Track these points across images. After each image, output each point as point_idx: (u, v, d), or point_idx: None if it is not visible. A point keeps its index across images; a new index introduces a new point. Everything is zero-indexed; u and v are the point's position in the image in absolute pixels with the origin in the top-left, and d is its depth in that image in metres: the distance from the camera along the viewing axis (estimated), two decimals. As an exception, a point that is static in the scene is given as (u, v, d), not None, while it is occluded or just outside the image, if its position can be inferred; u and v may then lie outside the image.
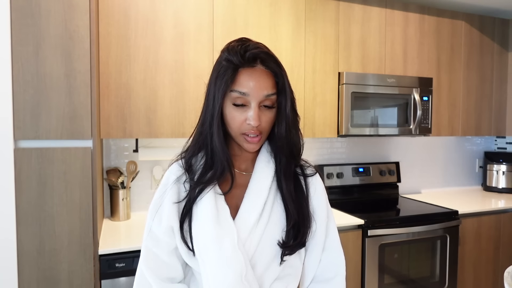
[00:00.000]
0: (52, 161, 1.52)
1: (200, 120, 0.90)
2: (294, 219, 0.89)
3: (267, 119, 0.86)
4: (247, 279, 0.83)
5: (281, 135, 0.90)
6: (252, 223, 0.87)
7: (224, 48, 0.88)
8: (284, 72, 0.88)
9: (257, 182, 0.91)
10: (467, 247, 2.45)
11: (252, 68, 0.84)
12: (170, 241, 0.89)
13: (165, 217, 0.89)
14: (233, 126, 0.86)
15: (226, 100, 0.85)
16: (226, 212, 0.87)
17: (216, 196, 0.88)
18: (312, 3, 2.27)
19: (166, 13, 1.94)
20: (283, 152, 0.91)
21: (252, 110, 0.83)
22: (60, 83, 1.52)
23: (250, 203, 0.89)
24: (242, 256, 0.84)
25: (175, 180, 0.90)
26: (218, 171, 0.87)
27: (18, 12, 1.47)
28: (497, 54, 2.86)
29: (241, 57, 0.83)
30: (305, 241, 0.91)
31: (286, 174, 0.92)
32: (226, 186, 0.90)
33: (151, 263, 0.90)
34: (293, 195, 0.91)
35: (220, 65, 0.85)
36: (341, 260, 0.99)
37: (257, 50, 0.84)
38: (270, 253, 0.88)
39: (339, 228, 2.06)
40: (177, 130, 1.98)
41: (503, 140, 3.30)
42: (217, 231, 0.85)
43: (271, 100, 0.86)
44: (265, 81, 0.84)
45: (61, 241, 1.54)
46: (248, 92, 0.83)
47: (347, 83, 2.31)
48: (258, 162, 0.94)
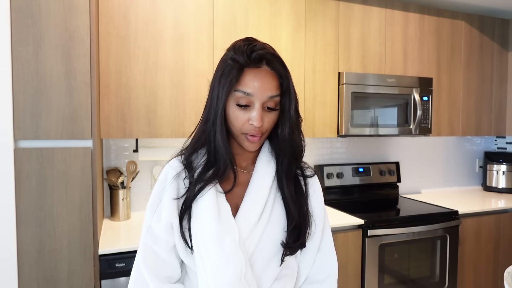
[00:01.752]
0: (52, 161, 1.52)
1: (203, 118, 0.90)
2: (295, 220, 0.89)
3: (269, 120, 0.87)
4: (246, 278, 0.83)
5: (284, 137, 0.89)
6: (253, 222, 0.87)
7: (230, 47, 0.87)
8: (289, 74, 0.88)
9: (258, 181, 0.91)
10: (467, 247, 2.45)
11: (258, 69, 0.84)
12: (169, 238, 0.89)
13: (164, 214, 0.88)
14: (235, 125, 0.86)
15: (230, 99, 0.84)
16: (227, 210, 0.87)
17: (217, 194, 0.87)
18: (312, 3, 2.27)
19: (166, 14, 1.95)
20: (285, 154, 0.91)
21: (255, 110, 0.83)
22: (60, 83, 1.52)
23: (251, 201, 0.89)
24: (243, 255, 0.84)
25: (175, 176, 0.90)
26: (221, 169, 0.87)
27: (18, 12, 1.47)
28: (497, 54, 2.86)
29: (247, 57, 0.83)
30: (305, 242, 0.91)
31: (287, 175, 0.91)
32: (227, 185, 0.90)
33: (150, 260, 0.89)
34: (293, 196, 0.91)
35: (226, 63, 0.85)
36: (334, 262, 0.99)
37: (264, 51, 0.84)
38: (269, 252, 0.88)
39: (340, 228, 2.08)
40: (177, 130, 1.98)
41: (503, 140, 3.30)
42: (218, 229, 0.84)
43: (274, 102, 0.86)
44: (269, 82, 0.84)
45: (61, 241, 1.54)
46: (252, 92, 0.82)
47: (347, 83, 2.31)
48: (259, 161, 0.94)
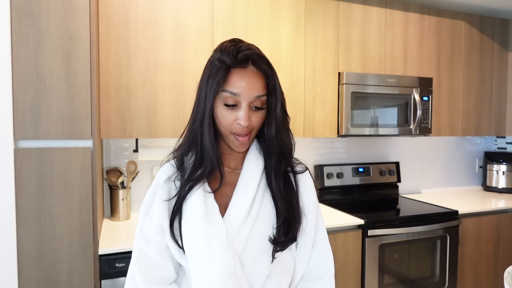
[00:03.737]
0: (52, 161, 1.52)
1: (191, 119, 0.91)
2: (284, 215, 0.90)
3: (257, 119, 0.88)
4: (235, 275, 0.83)
5: (271, 135, 0.91)
6: (240, 220, 0.87)
7: (217, 48, 0.89)
8: (275, 73, 0.89)
9: (245, 180, 0.92)
10: (467, 247, 2.44)
11: (244, 69, 0.85)
12: (161, 239, 0.90)
13: (155, 216, 0.90)
14: (224, 125, 0.87)
15: (218, 99, 0.86)
16: (215, 209, 0.88)
17: (205, 194, 0.89)
18: (312, 3, 2.27)
19: (166, 14, 1.94)
20: (273, 152, 0.92)
21: (242, 110, 0.85)
22: (60, 83, 1.52)
23: (238, 200, 0.90)
24: (231, 253, 0.84)
25: (166, 180, 0.92)
26: (207, 169, 0.88)
27: (18, 12, 1.47)
28: (497, 54, 2.86)
29: (233, 58, 0.84)
30: (296, 236, 0.92)
31: (276, 173, 0.92)
32: (215, 184, 0.91)
33: (142, 263, 0.90)
34: (282, 192, 0.92)
35: (213, 64, 0.87)
36: (329, 258, 0.99)
37: (249, 52, 0.86)
38: (260, 249, 0.88)
39: (340, 228, 2.08)
40: (177, 131, 1.98)
41: (503, 140, 3.30)
42: (206, 228, 0.85)
43: (261, 101, 0.87)
44: (256, 82, 0.85)
45: (61, 241, 1.54)
46: (239, 92, 0.84)
47: (347, 83, 2.31)
48: (247, 160, 0.95)
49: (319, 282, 0.97)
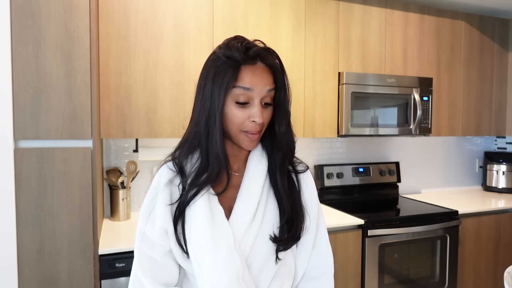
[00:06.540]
0: (52, 161, 1.52)
1: (194, 120, 0.89)
2: (287, 213, 0.89)
3: (267, 115, 0.87)
4: (244, 279, 0.83)
5: (282, 131, 0.90)
6: (247, 223, 0.86)
7: (222, 45, 0.87)
8: (283, 67, 0.88)
9: (249, 182, 0.90)
10: (467, 247, 2.44)
11: (254, 65, 0.84)
12: (164, 243, 0.88)
13: (158, 220, 0.87)
14: (235, 124, 0.85)
15: (228, 98, 0.84)
16: (221, 213, 0.87)
17: (210, 197, 0.87)
18: (312, 3, 2.27)
19: (166, 14, 1.94)
20: (281, 149, 0.91)
21: (255, 107, 0.83)
22: (60, 83, 1.52)
23: (243, 203, 0.88)
24: (239, 257, 0.83)
25: (167, 183, 0.89)
26: (214, 173, 0.85)
27: (18, 12, 1.47)
28: (497, 54, 2.86)
29: (243, 54, 0.83)
30: (299, 235, 0.91)
31: (280, 170, 0.91)
32: (220, 187, 0.89)
33: (147, 267, 0.88)
34: (286, 190, 0.91)
35: (219, 61, 0.84)
36: (329, 258, 0.98)
37: (259, 48, 0.85)
38: (266, 251, 0.87)
39: (340, 228, 2.08)
40: (177, 131, 1.98)
41: (503, 140, 3.30)
42: (213, 233, 0.84)
43: (270, 96, 0.86)
44: (266, 77, 0.85)
45: (61, 241, 1.54)
46: (252, 87, 0.82)
47: (347, 83, 2.31)
48: (250, 162, 0.93)
49: (318, 282, 0.96)
